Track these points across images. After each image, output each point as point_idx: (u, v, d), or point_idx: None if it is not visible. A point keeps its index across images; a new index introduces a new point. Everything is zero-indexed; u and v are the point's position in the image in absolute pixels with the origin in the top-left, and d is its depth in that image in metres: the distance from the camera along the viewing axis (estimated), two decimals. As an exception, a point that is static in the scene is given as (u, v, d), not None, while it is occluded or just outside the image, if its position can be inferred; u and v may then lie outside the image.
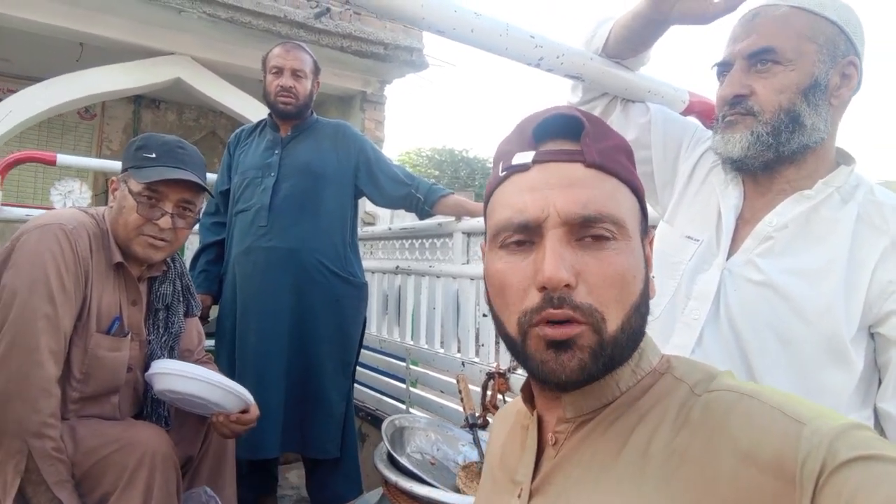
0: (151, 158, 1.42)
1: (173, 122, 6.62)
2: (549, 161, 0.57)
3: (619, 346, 0.55)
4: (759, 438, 0.47)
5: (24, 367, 1.21)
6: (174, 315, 1.61)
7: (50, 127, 5.93)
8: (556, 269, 0.52)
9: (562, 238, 0.54)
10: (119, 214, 1.41)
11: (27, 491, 1.21)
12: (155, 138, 1.48)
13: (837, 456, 0.43)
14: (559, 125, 0.58)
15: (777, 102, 0.92)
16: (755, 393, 0.51)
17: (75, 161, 3.09)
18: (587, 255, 0.54)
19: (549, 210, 0.54)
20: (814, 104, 0.92)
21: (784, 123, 0.92)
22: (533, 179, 0.57)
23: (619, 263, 0.54)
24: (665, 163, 1.16)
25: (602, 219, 0.54)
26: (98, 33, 4.16)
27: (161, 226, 1.41)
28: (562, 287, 0.52)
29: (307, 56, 2.12)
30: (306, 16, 4.43)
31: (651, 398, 0.56)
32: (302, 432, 2.04)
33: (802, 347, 0.88)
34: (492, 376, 1.80)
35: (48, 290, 1.25)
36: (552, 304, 0.53)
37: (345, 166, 2.11)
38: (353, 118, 5.28)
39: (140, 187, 1.39)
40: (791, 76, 0.92)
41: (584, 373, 0.54)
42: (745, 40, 0.94)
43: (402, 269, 2.56)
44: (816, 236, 0.91)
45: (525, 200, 0.56)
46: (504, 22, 0.98)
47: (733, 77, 0.96)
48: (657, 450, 0.52)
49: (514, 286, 0.56)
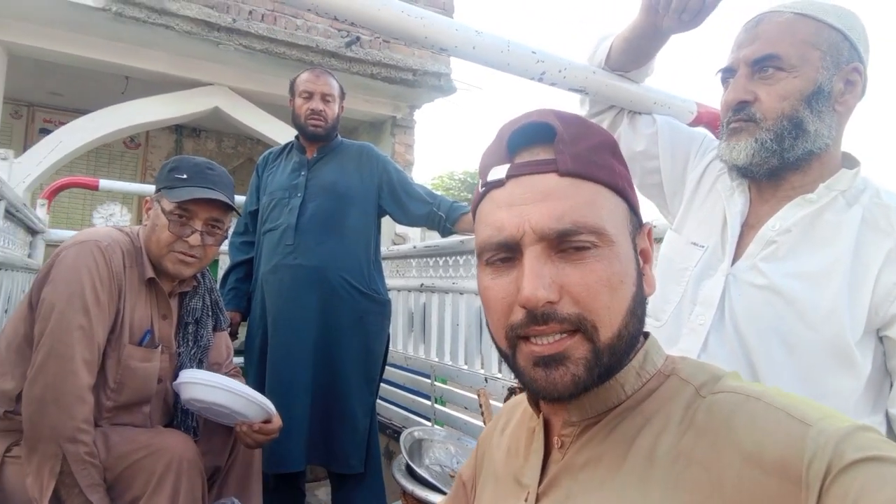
0: (183, 179, 1.50)
1: (213, 149, 6.88)
2: (523, 175, 0.56)
3: (616, 353, 0.54)
4: (764, 440, 0.47)
5: (59, 376, 1.28)
6: (203, 329, 1.67)
7: (98, 156, 6.23)
8: (534, 289, 0.52)
9: (540, 255, 0.54)
10: (152, 232, 1.49)
11: (61, 493, 1.27)
12: (186, 160, 1.56)
13: (844, 457, 0.43)
14: (532, 133, 0.58)
15: (780, 109, 0.93)
16: (760, 394, 0.51)
17: (116, 186, 3.25)
18: (569, 266, 0.54)
19: (525, 227, 0.54)
20: (817, 111, 0.92)
21: (787, 130, 0.92)
22: (509, 195, 0.56)
23: (602, 271, 0.53)
24: (674, 173, 1.17)
25: (578, 230, 0.53)
26: (141, 66, 4.39)
27: (191, 243, 1.48)
28: (543, 304, 0.52)
29: (334, 81, 2.21)
30: (338, 45, 4.59)
31: (656, 400, 0.56)
32: (326, 447, 2.07)
33: (807, 351, 0.87)
34: (513, 391, 1.80)
35: (83, 303, 1.33)
36: (536, 322, 0.53)
37: (368, 186, 2.17)
38: (384, 142, 5.40)
39: (172, 206, 1.47)
40: (794, 83, 0.92)
41: (579, 387, 0.54)
42: (748, 46, 0.95)
43: (426, 286, 2.60)
44: (820, 240, 0.91)
45: (502, 218, 0.56)
46: (505, 38, 1.02)
47: (737, 83, 0.96)
48: (663, 452, 0.52)
49: (499, 302, 0.56)
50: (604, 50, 1.13)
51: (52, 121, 5.94)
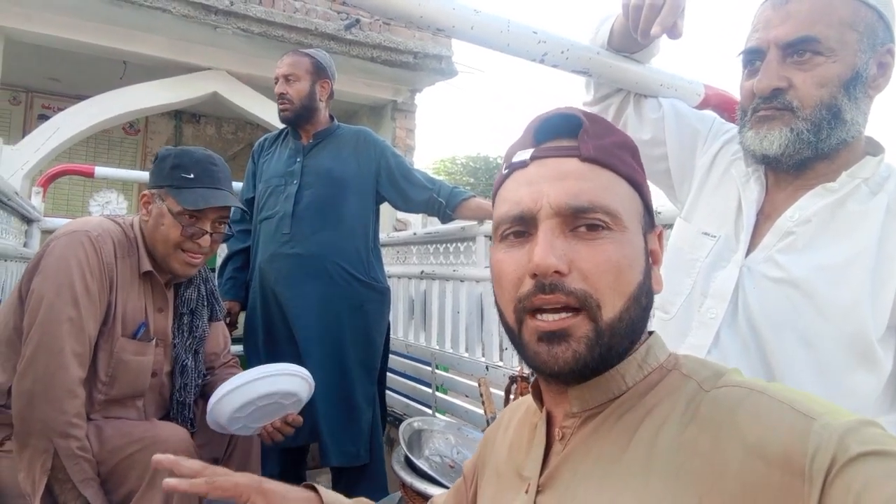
0: (190, 179, 1.46)
1: (212, 135, 6.82)
2: (546, 157, 0.59)
3: (617, 335, 0.55)
4: (768, 432, 0.47)
5: (49, 369, 1.25)
6: (198, 319, 1.64)
7: (98, 142, 6.18)
8: (545, 256, 0.54)
9: (554, 228, 0.56)
10: (156, 230, 1.45)
11: (54, 489, 1.25)
12: (188, 156, 1.50)
13: (848, 451, 0.43)
14: (559, 124, 0.61)
15: (818, 97, 0.86)
16: (764, 388, 0.51)
17: (113, 173, 3.21)
18: (580, 244, 0.55)
19: (542, 202, 0.56)
20: (854, 97, 0.86)
21: (826, 119, 0.86)
22: (530, 175, 0.59)
23: (612, 252, 0.55)
24: (681, 158, 1.12)
25: (594, 209, 0.55)
26: (139, 51, 4.32)
27: (201, 244, 1.47)
28: (552, 273, 0.54)
29: (301, 58, 2.11)
30: (337, 28, 4.51)
31: (658, 394, 0.56)
32: (332, 438, 2.03)
33: (826, 348, 0.83)
34: (514, 380, 1.77)
35: (73, 294, 1.30)
36: (543, 291, 0.54)
37: (366, 172, 2.13)
38: (385, 127, 5.33)
39: (180, 209, 1.44)
40: (833, 68, 0.85)
41: (579, 363, 0.54)
42: (779, 26, 0.87)
43: (426, 273, 2.57)
44: (842, 230, 0.86)
45: (521, 194, 0.58)
46: (505, 18, 0.97)
47: (768, 68, 0.88)
48: (664, 444, 0.52)
49: (510, 274, 0.58)
50: (605, 30, 1.08)
51: (50, 107, 5.88)
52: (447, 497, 0.84)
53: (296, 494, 0.74)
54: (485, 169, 15.34)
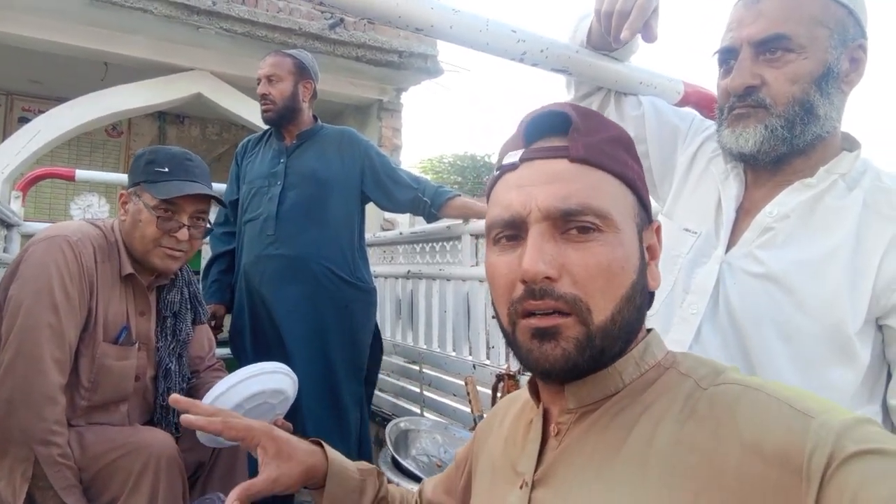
0: (164, 173, 1.45)
1: (197, 136, 6.76)
2: (535, 159, 0.59)
3: (609, 337, 0.55)
4: (766, 430, 0.47)
5: (28, 376, 1.24)
6: (182, 322, 1.63)
7: (79, 145, 6.10)
8: (534, 263, 0.53)
9: (544, 232, 0.55)
10: (134, 228, 1.44)
11: (36, 497, 1.24)
12: (163, 151, 1.50)
13: (845, 449, 0.44)
14: (549, 122, 0.60)
15: (790, 93, 0.87)
16: (762, 386, 0.51)
17: (94, 176, 3.18)
18: (571, 247, 0.55)
19: (531, 206, 0.56)
20: (826, 93, 0.87)
21: (798, 115, 0.87)
22: (520, 177, 0.59)
23: (603, 254, 0.55)
24: (662, 155, 1.13)
25: (584, 211, 0.55)
26: (121, 52, 4.27)
27: (179, 237, 1.45)
28: (541, 279, 0.54)
29: (284, 58, 2.10)
30: (321, 27, 4.49)
31: (655, 391, 0.56)
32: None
33: (805, 342, 0.84)
34: (501, 378, 1.78)
35: (52, 300, 1.28)
36: (533, 296, 0.55)
37: (350, 172, 2.12)
38: (371, 126, 5.31)
39: (156, 201, 1.42)
40: (804, 65, 0.86)
41: (569, 363, 0.54)
42: (751, 25, 0.88)
43: (413, 273, 2.56)
44: (820, 226, 0.87)
45: (511, 197, 0.58)
46: (484, 17, 0.97)
47: (741, 66, 0.89)
48: (662, 441, 0.52)
49: (503, 278, 0.58)
50: (584, 28, 1.08)
51: (31, 109, 5.81)
52: (437, 481, 0.86)
53: (304, 445, 0.79)
54: (472, 168, 15.33)
